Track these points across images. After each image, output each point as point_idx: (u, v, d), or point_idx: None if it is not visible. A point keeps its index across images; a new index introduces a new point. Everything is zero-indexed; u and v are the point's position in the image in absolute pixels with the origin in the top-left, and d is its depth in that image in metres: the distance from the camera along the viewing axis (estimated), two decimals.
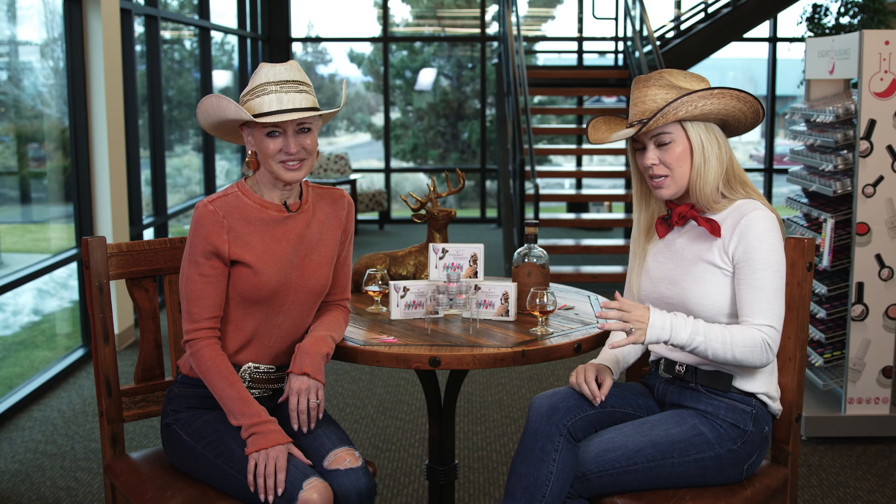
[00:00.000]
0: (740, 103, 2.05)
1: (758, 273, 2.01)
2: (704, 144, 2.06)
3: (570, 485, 2.04)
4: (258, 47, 9.41)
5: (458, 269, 2.47)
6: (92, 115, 4.94)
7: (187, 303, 2.07)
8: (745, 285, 2.02)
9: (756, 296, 2.01)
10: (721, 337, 2.00)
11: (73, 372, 4.72)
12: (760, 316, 2.01)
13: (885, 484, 3.38)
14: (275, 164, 2.07)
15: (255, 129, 2.07)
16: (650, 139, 2.07)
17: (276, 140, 2.06)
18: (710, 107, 2.03)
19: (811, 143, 4.07)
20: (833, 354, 3.83)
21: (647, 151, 2.08)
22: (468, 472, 3.50)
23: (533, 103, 10.50)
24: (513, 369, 4.74)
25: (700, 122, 2.06)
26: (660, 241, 2.20)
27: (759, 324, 2.01)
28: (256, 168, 2.12)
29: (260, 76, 2.07)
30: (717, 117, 2.07)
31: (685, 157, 2.06)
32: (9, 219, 5.24)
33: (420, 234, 9.49)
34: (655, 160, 2.07)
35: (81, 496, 3.31)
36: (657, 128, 2.05)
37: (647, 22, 7.90)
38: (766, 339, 2.00)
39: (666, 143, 2.06)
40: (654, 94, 2.06)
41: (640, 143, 2.10)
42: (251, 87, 2.07)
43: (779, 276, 2.02)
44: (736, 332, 2.00)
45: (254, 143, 2.09)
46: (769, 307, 2.01)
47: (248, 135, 2.11)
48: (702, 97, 2.02)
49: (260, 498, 1.94)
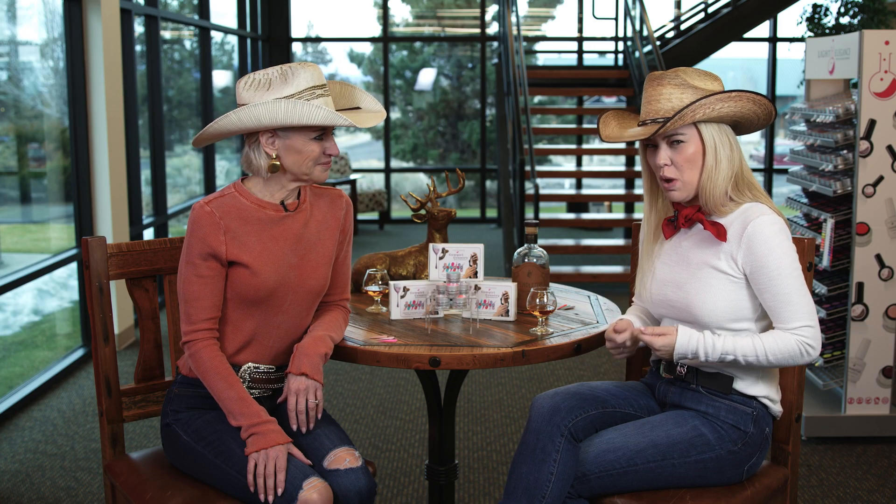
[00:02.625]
0: (756, 106, 2.05)
1: (775, 279, 2.00)
2: (717, 146, 2.05)
3: (571, 485, 2.04)
4: (258, 47, 9.41)
5: (458, 269, 2.47)
6: (92, 115, 4.94)
7: (185, 304, 2.07)
8: (767, 294, 2.02)
9: (780, 301, 2.01)
10: (754, 350, 2.00)
11: (73, 372, 4.72)
12: (793, 320, 2.01)
13: (885, 484, 3.38)
14: (314, 166, 2.09)
15: (295, 134, 2.05)
16: (663, 138, 2.07)
17: (320, 143, 2.08)
18: (727, 109, 2.02)
19: (811, 143, 4.07)
20: (833, 354, 3.83)
21: (659, 150, 2.07)
22: (468, 472, 3.50)
23: (533, 103, 10.50)
24: (513, 369, 4.74)
25: (714, 123, 2.05)
26: (667, 242, 2.19)
27: (793, 327, 2.01)
28: (276, 172, 2.09)
29: (302, 79, 2.03)
30: (732, 119, 2.06)
31: (697, 158, 2.05)
32: (9, 219, 5.24)
33: (420, 234, 9.49)
34: (667, 160, 2.06)
35: (81, 496, 3.31)
36: None
37: (647, 22, 7.90)
38: (804, 342, 2.00)
39: (679, 141, 2.05)
40: (668, 93, 2.05)
41: (652, 141, 2.10)
42: (296, 90, 2.03)
43: (796, 276, 2.01)
44: (769, 342, 2.00)
45: (282, 147, 2.07)
46: (797, 308, 2.00)
47: (272, 139, 2.06)
48: (720, 100, 2.01)
49: (260, 498, 1.94)
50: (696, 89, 2.04)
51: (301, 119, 2.01)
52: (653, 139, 2.08)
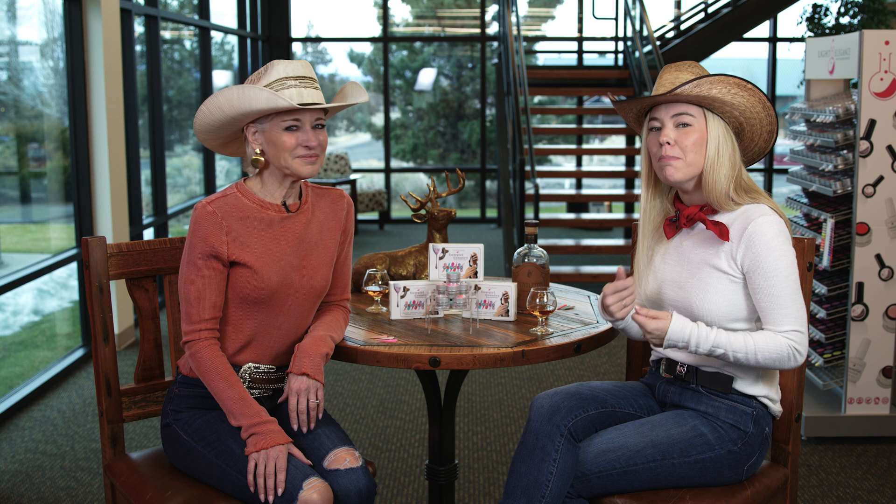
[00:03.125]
0: (764, 111, 2.05)
1: (771, 280, 2.00)
2: (721, 140, 2.05)
3: (571, 485, 2.04)
4: (258, 47, 9.41)
5: (458, 269, 2.47)
6: (92, 115, 4.94)
7: (186, 304, 2.07)
8: (761, 294, 2.02)
9: (774, 303, 2.00)
10: (745, 348, 2.00)
11: (73, 372, 4.72)
12: (783, 322, 2.00)
13: (885, 484, 3.38)
14: (292, 158, 2.05)
15: (270, 125, 2.05)
16: (671, 118, 2.05)
17: (294, 134, 2.05)
18: (740, 99, 2.02)
19: (811, 143, 4.07)
20: (833, 354, 3.83)
21: (664, 129, 2.05)
22: (468, 472, 3.50)
23: (533, 103, 10.50)
24: (513, 369, 4.74)
25: (721, 120, 2.05)
26: (668, 241, 2.19)
27: (783, 330, 2.00)
28: (264, 167, 2.11)
29: (276, 71, 2.05)
30: (740, 118, 2.05)
31: (700, 145, 2.04)
32: (9, 219, 5.24)
33: (420, 234, 9.49)
34: (671, 139, 2.04)
35: (81, 496, 3.31)
36: (682, 106, 2.03)
37: (647, 22, 7.90)
38: (793, 345, 2.00)
39: (686, 123, 2.04)
40: (685, 77, 2.05)
41: (658, 122, 2.07)
42: (268, 81, 2.04)
43: (792, 280, 2.01)
44: (760, 341, 2.00)
45: (264, 140, 2.07)
46: (789, 312, 2.00)
47: (255, 132, 2.08)
48: (737, 84, 2.01)
49: (260, 498, 1.94)
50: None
51: (248, 104, 2.01)
52: (660, 119, 2.05)
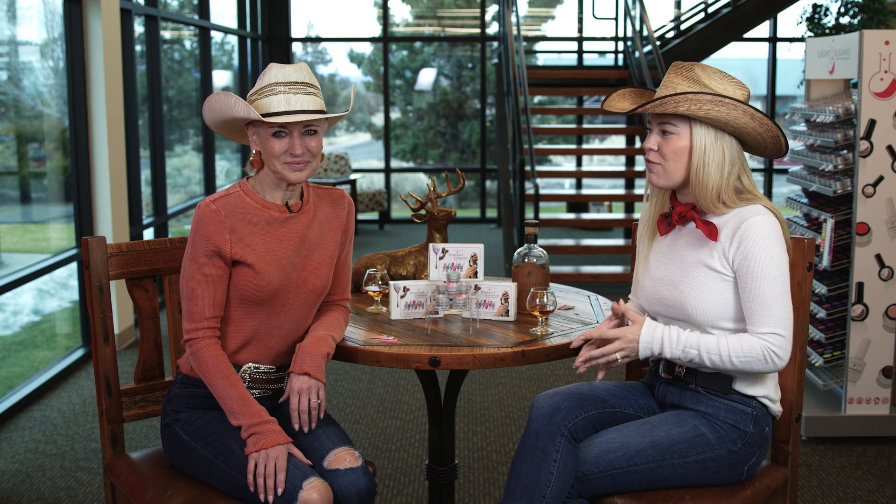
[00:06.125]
0: (753, 121, 2.02)
1: (756, 281, 1.99)
2: (706, 150, 2.03)
3: (571, 485, 2.04)
4: (258, 47, 9.41)
5: (458, 269, 2.47)
6: (92, 115, 4.94)
7: (188, 302, 2.07)
8: (746, 294, 2.01)
9: (757, 304, 2.00)
10: (718, 349, 2.00)
11: (73, 372, 4.72)
12: (762, 324, 1.99)
13: (885, 484, 3.38)
14: (279, 164, 2.07)
15: (261, 129, 2.07)
16: (658, 125, 2.08)
17: (282, 140, 2.05)
18: (716, 113, 2.00)
19: (811, 143, 4.07)
20: (833, 354, 3.83)
21: (651, 134, 2.11)
22: (468, 472, 3.50)
23: (533, 103, 10.50)
24: (513, 369, 4.74)
25: (711, 128, 2.04)
26: (663, 240, 2.19)
27: (761, 332, 1.99)
28: (260, 167, 2.12)
29: (269, 76, 2.06)
30: (728, 127, 2.03)
31: (681, 154, 2.06)
32: (9, 219, 5.24)
33: (420, 234, 9.49)
34: (654, 146, 2.09)
35: (81, 496, 3.31)
36: (665, 115, 2.05)
37: (647, 22, 7.90)
38: (769, 347, 1.98)
39: (669, 132, 2.06)
40: (677, 82, 2.06)
41: (650, 126, 2.13)
42: (259, 86, 2.06)
43: (780, 282, 2.00)
44: (733, 343, 2.00)
45: (259, 142, 2.09)
46: (772, 314, 1.99)
47: (253, 134, 2.10)
48: (711, 101, 1.99)
49: (260, 498, 1.94)
50: (704, 86, 2.03)
51: (225, 112, 2.06)
52: (651, 123, 2.11)
